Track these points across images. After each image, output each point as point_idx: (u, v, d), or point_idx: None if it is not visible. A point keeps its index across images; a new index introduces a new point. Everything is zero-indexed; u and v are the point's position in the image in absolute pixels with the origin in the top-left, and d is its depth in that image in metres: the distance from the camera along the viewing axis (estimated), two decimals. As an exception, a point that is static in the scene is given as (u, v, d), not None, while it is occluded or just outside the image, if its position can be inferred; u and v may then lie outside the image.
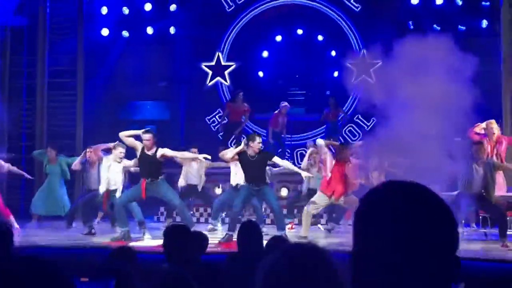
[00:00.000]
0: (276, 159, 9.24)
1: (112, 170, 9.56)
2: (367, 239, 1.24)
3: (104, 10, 13.30)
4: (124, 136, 9.05)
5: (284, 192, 11.64)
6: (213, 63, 14.15)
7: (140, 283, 3.28)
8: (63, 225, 10.15)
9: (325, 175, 9.11)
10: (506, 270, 6.78)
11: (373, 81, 11.36)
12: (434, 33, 8.72)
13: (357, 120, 13.87)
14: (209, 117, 14.41)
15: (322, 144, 9.30)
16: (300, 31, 14.28)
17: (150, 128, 9.07)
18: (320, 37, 14.22)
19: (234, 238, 7.65)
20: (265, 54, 14.48)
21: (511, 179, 9.64)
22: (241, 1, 14.27)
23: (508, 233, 8.38)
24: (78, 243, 8.60)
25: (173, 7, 13.83)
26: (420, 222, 1.20)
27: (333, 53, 13.97)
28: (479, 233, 9.43)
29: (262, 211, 10.21)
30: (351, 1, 13.90)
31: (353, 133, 13.76)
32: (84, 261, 5.42)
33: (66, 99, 12.91)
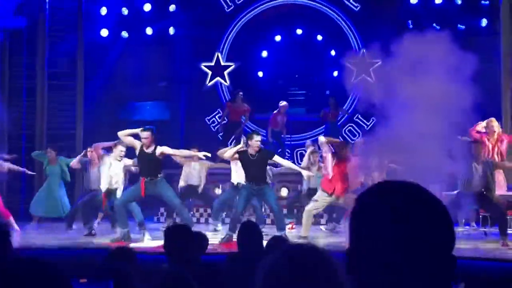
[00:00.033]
0: (276, 158, 9.24)
1: (112, 169, 9.55)
2: (362, 238, 1.24)
3: (104, 10, 13.29)
4: (123, 135, 9.04)
5: (284, 192, 11.64)
6: (212, 63, 14.13)
7: (140, 283, 3.28)
8: (63, 226, 10.14)
9: (326, 174, 9.10)
10: (506, 270, 6.77)
11: (373, 80, 11.36)
12: (433, 32, 8.70)
13: (356, 119, 13.87)
14: (208, 117, 14.40)
15: (323, 141, 9.27)
16: (299, 31, 14.27)
17: (148, 126, 9.03)
18: (320, 37, 14.21)
19: (234, 238, 7.64)
20: (264, 54, 14.47)
21: (511, 177, 9.65)
22: (240, 1, 14.26)
23: (509, 232, 8.38)
24: (78, 244, 8.59)
25: (172, 7, 13.83)
26: (415, 222, 1.20)
27: (333, 52, 13.96)
28: (479, 232, 9.44)
29: (262, 211, 10.21)
30: (351, 0, 13.89)
31: (353, 132, 13.76)
32: (84, 262, 5.41)
33: (66, 100, 12.89)
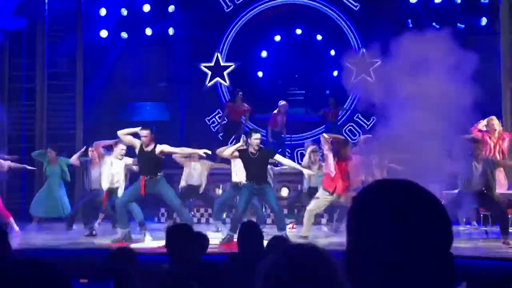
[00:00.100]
0: (277, 157, 9.22)
1: (114, 168, 9.54)
2: (360, 237, 1.24)
3: (103, 11, 13.29)
4: (122, 134, 9.03)
5: (284, 192, 11.62)
6: (212, 63, 14.13)
7: (140, 284, 3.27)
8: (63, 227, 10.14)
9: (326, 173, 9.07)
10: (507, 268, 6.77)
11: (372, 80, 11.36)
12: (433, 32, 8.70)
13: (357, 119, 13.88)
14: (208, 118, 14.40)
15: (326, 138, 9.20)
16: (299, 31, 14.26)
17: (147, 125, 9.04)
18: (319, 37, 14.21)
19: (235, 238, 7.63)
20: (264, 54, 14.47)
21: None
22: (239, 1, 14.26)
23: (510, 230, 8.37)
24: (78, 244, 8.59)
25: (171, 8, 13.83)
26: (413, 220, 1.20)
27: (333, 52, 13.96)
28: (480, 231, 9.43)
29: (263, 211, 10.19)
30: (350, 0, 13.89)
31: (353, 132, 13.75)
32: (85, 263, 5.40)
33: (65, 101, 12.90)
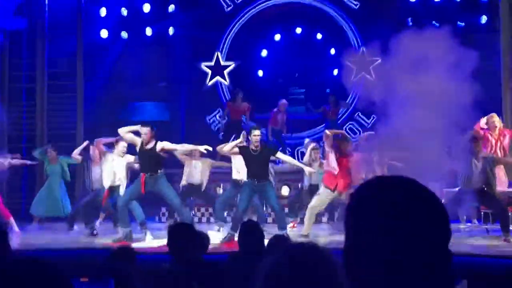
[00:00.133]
0: (279, 154, 9.22)
1: (115, 165, 9.55)
2: (357, 234, 1.23)
3: (103, 11, 13.28)
4: (123, 132, 9.03)
5: (285, 191, 11.60)
6: (212, 63, 14.12)
7: (140, 283, 3.27)
8: (64, 227, 10.14)
9: (327, 170, 9.04)
10: (508, 266, 6.76)
11: (373, 78, 11.35)
12: (433, 30, 8.69)
13: (357, 117, 13.87)
14: (209, 117, 14.41)
15: (328, 134, 9.14)
16: (299, 30, 14.26)
17: (148, 122, 9.05)
18: (319, 36, 14.21)
19: (235, 237, 7.63)
20: (264, 53, 14.47)
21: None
22: (239, 1, 14.25)
23: (510, 228, 8.36)
24: (79, 244, 8.59)
25: (171, 7, 13.83)
26: (411, 217, 1.20)
27: (333, 51, 13.96)
28: (481, 229, 9.42)
29: (264, 210, 10.18)
30: (350, -1, 13.90)
31: (353, 130, 13.74)
32: (86, 262, 5.40)
33: (65, 101, 12.90)
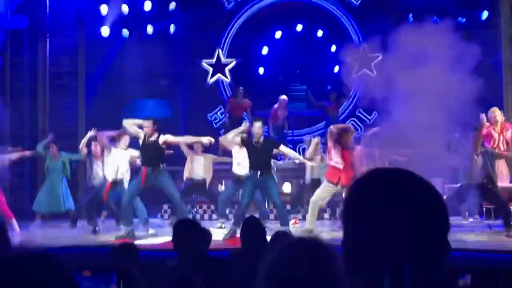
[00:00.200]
0: (282, 147, 9.22)
1: (118, 159, 9.55)
2: (355, 226, 1.23)
3: (104, 9, 13.28)
4: (128, 124, 9.03)
5: (287, 187, 11.60)
6: (213, 60, 14.12)
7: (142, 279, 3.28)
8: (67, 224, 10.15)
9: (329, 165, 9.00)
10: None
11: (374, 75, 11.34)
12: (434, 25, 8.68)
13: (358, 114, 13.86)
14: (210, 114, 14.42)
15: (333, 130, 9.06)
16: (299, 27, 14.25)
17: (150, 117, 9.07)
18: (320, 32, 14.20)
19: (237, 233, 7.64)
20: (265, 50, 14.47)
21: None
22: (240, -2, 14.27)
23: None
24: (82, 242, 8.60)
25: (172, 5, 13.83)
26: (408, 208, 1.19)
27: (333, 48, 13.94)
28: (483, 224, 9.42)
29: (266, 206, 10.19)
30: (351, -5, 13.89)
31: (354, 127, 13.69)
32: (89, 259, 5.42)
33: (67, 99, 12.91)
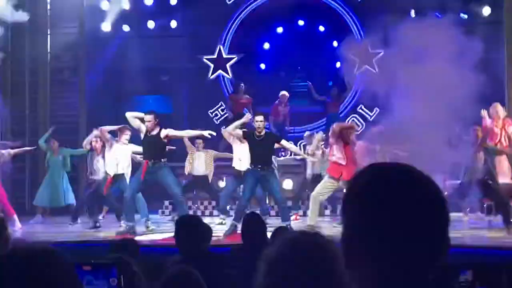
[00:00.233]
0: (283, 142, 9.21)
1: (119, 154, 9.54)
2: (354, 221, 1.21)
3: (105, 4, 13.26)
4: (131, 116, 9.02)
5: (288, 184, 11.58)
6: (214, 56, 14.10)
7: (143, 275, 3.28)
8: (68, 220, 10.15)
9: (331, 161, 8.97)
10: None
11: (375, 71, 11.32)
12: (436, 21, 8.66)
13: (360, 110, 13.84)
14: (211, 110, 14.40)
15: (337, 131, 9.02)
16: (301, 22, 14.23)
17: (152, 111, 9.08)
18: (322, 28, 14.17)
19: (238, 229, 7.64)
20: (266, 46, 14.44)
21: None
22: (241, -6, 14.24)
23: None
24: (83, 237, 8.60)
25: (173, 0, 13.80)
26: (407, 202, 1.18)
27: (335, 43, 13.91)
28: (484, 221, 9.42)
29: (266, 202, 10.18)
30: (353, -10, 13.86)
31: (356, 123, 13.70)
32: (89, 254, 5.41)
33: (68, 95, 12.91)
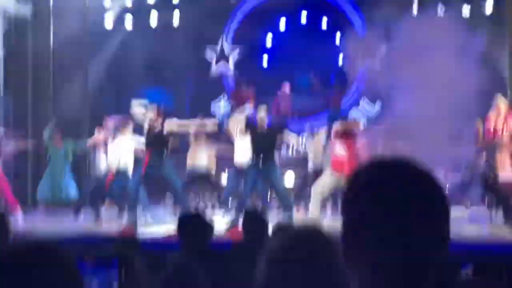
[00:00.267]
0: (286, 134, 9.19)
1: (122, 147, 9.56)
2: (354, 217, 1.20)
3: (108, -1, 13.28)
4: (136, 104, 9.02)
5: (289, 178, 11.57)
6: (217, 50, 14.09)
7: (145, 269, 3.31)
8: (70, 213, 10.18)
9: (333, 155, 8.95)
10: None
11: (377, 65, 11.31)
12: (438, 16, 8.66)
13: (362, 104, 13.83)
14: (213, 104, 14.40)
15: (337, 129, 9.01)
16: (304, 17, 14.21)
17: (154, 103, 9.11)
18: (324, 22, 14.15)
19: (239, 224, 7.65)
20: (268, 40, 14.43)
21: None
22: (244, -12, 14.22)
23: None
24: (84, 231, 8.63)
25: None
26: (406, 196, 1.17)
27: (338, 38, 13.90)
28: (486, 215, 9.42)
29: (268, 198, 10.18)
30: (355, -15, 13.83)
31: (358, 117, 13.70)
32: (91, 248, 5.44)
33: (71, 89, 12.91)
